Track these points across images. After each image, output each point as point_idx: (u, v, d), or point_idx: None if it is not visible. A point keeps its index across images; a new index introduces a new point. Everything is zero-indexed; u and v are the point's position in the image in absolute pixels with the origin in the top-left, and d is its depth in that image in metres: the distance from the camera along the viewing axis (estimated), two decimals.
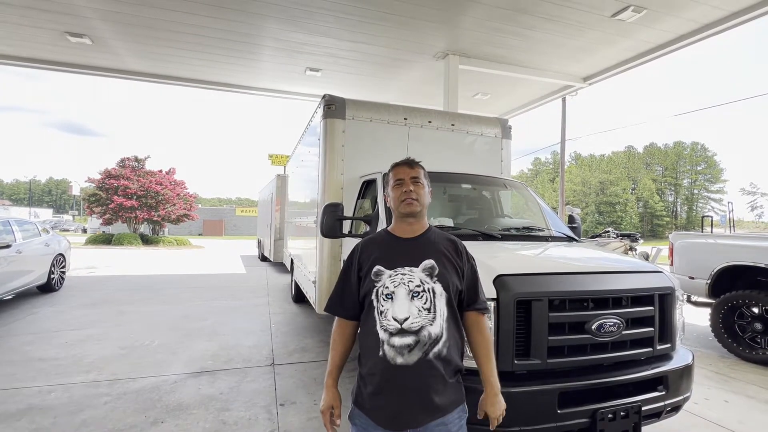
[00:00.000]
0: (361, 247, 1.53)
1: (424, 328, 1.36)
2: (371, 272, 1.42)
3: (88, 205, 22.21)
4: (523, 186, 4.11)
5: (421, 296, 1.38)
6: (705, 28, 6.60)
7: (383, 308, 1.38)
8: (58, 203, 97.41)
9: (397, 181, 1.53)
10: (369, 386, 1.40)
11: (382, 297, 1.39)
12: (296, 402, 3.26)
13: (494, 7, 6.22)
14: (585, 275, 2.32)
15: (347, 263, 1.54)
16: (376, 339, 1.38)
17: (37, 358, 4.04)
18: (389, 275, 1.41)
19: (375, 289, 1.41)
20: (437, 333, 1.38)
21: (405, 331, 1.35)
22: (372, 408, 1.40)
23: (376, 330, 1.38)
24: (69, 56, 8.52)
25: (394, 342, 1.35)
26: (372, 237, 1.58)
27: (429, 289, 1.39)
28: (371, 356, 1.39)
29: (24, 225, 7.04)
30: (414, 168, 1.55)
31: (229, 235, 42.02)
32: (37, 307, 6.30)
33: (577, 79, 9.07)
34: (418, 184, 1.52)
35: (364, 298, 1.46)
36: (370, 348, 1.40)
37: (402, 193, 1.50)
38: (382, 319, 1.38)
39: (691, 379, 2.38)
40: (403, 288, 1.38)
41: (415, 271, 1.41)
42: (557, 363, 2.09)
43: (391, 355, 1.35)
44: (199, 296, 7.61)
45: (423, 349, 1.35)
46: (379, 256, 1.46)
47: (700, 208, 62.90)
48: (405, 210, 1.49)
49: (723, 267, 4.73)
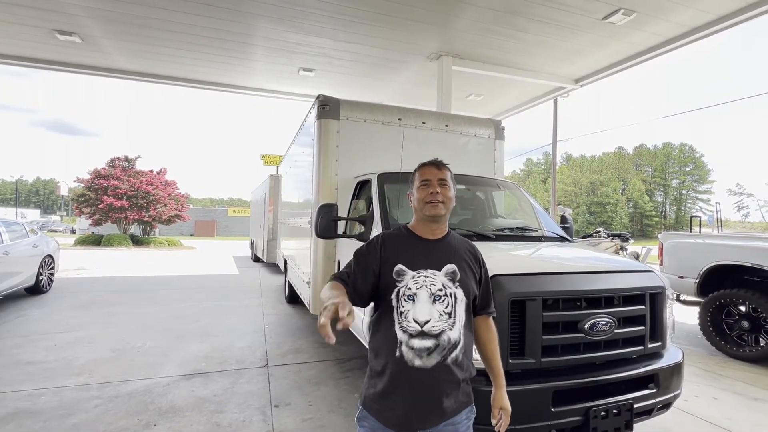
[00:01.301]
0: (382, 240, 1.48)
1: (444, 332, 1.35)
2: (393, 270, 1.39)
3: (77, 206, 21.87)
4: (516, 186, 4.15)
5: (443, 300, 1.37)
6: (693, 32, 6.71)
7: (404, 309, 1.36)
8: (46, 203, 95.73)
9: (424, 182, 1.48)
10: (380, 385, 1.38)
11: (403, 298, 1.36)
12: (291, 403, 3.24)
13: (487, 9, 6.27)
14: (578, 275, 2.35)
15: (365, 250, 1.47)
16: (393, 339, 1.36)
17: (26, 362, 3.97)
18: (412, 276, 1.38)
19: (396, 289, 1.38)
20: (455, 338, 1.37)
21: (425, 333, 1.34)
22: (381, 408, 1.37)
23: (394, 330, 1.36)
24: (58, 54, 8.38)
25: (413, 344, 1.34)
26: (392, 232, 1.54)
27: (451, 294, 1.38)
28: (386, 356, 1.37)
29: (11, 226, 6.91)
30: (441, 169, 1.50)
31: (221, 235, 41.67)
32: (25, 309, 6.19)
33: (569, 81, 9.17)
34: (445, 186, 1.47)
35: (380, 295, 1.41)
36: (386, 348, 1.37)
37: (428, 195, 1.45)
38: (401, 320, 1.35)
39: (681, 376, 2.42)
40: (426, 291, 1.36)
41: (437, 274, 1.39)
42: (551, 362, 2.11)
43: (409, 356, 1.34)
44: (192, 297, 7.54)
45: (442, 354, 1.35)
46: (401, 253, 1.42)
47: (688, 208, 63.93)
48: (430, 212, 1.44)
49: (711, 266, 4.82)
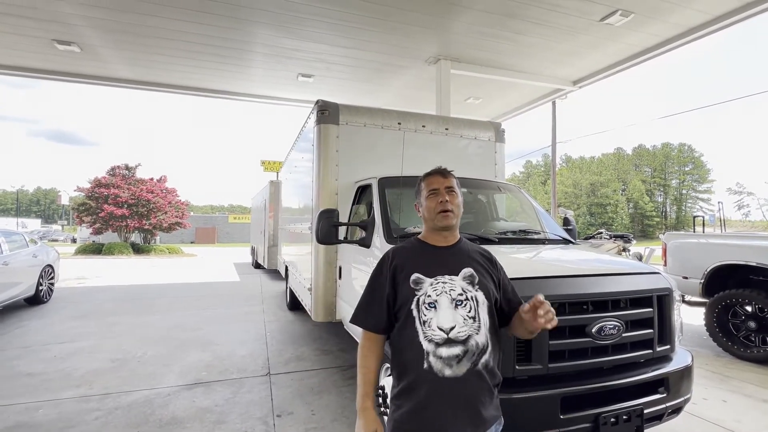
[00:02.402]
0: (392, 254, 1.46)
1: (471, 337, 1.31)
2: (409, 280, 1.35)
3: (77, 215, 21.89)
4: (517, 189, 4.12)
5: (465, 305, 1.33)
6: (690, 32, 6.71)
7: (426, 318, 1.31)
8: (47, 213, 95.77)
9: (432, 192, 1.48)
10: (409, 403, 1.31)
11: (424, 306, 1.33)
12: (293, 412, 3.19)
13: (484, 12, 6.28)
14: (584, 278, 2.31)
15: (377, 271, 1.46)
16: (419, 351, 1.30)
17: (25, 374, 3.93)
18: (430, 283, 1.35)
19: (416, 298, 1.34)
20: (483, 343, 1.33)
21: (452, 340, 1.29)
22: (416, 428, 1.30)
23: (419, 341, 1.31)
24: (57, 64, 8.40)
25: (441, 353, 1.28)
26: (403, 245, 1.52)
27: (472, 297, 1.35)
28: (413, 370, 1.31)
29: (11, 236, 6.88)
30: (448, 177, 1.51)
31: (222, 242, 41.65)
32: (24, 320, 6.14)
33: (567, 83, 9.17)
34: (453, 194, 1.48)
35: (399, 308, 1.37)
36: (412, 361, 1.31)
37: (438, 204, 1.45)
38: (426, 329, 1.31)
39: (691, 380, 2.38)
40: (446, 296, 1.33)
41: (455, 279, 1.36)
42: (558, 367, 2.07)
43: (438, 367, 1.28)
44: (192, 306, 7.49)
45: (472, 360, 1.30)
46: (416, 264, 1.40)
47: (688, 208, 63.88)
48: (442, 223, 1.44)
49: (716, 266, 4.77)
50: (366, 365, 1.42)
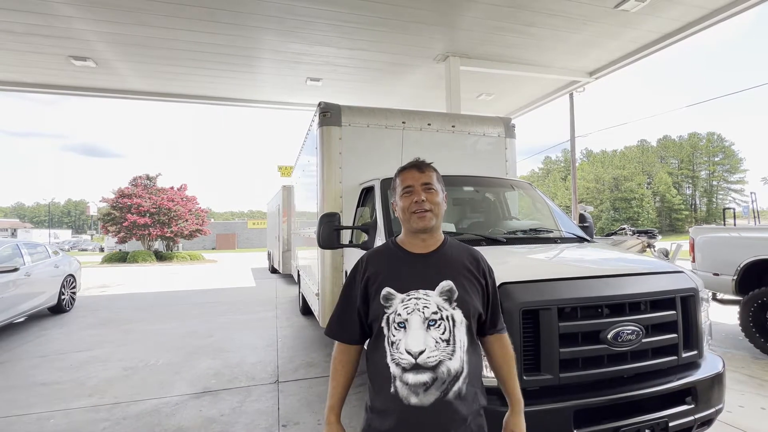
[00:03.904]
0: (366, 261, 1.33)
1: (442, 363, 1.18)
2: (380, 295, 1.23)
3: (103, 225, 22.66)
4: (530, 186, 3.93)
5: (439, 325, 1.20)
6: (715, 13, 6.33)
7: (394, 338, 1.20)
8: (77, 224, 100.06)
9: (406, 189, 1.31)
10: (375, 422, 1.22)
11: (393, 326, 1.20)
12: (299, 422, 3.11)
13: (491, 5, 6.09)
14: (597, 279, 2.13)
15: (350, 280, 1.35)
16: (387, 373, 1.20)
17: (40, 383, 3.99)
18: (401, 300, 1.21)
19: (385, 315, 1.22)
20: (457, 368, 1.19)
21: (420, 366, 1.17)
22: None
23: (387, 363, 1.20)
24: (75, 80, 8.68)
25: (408, 379, 1.17)
26: (378, 249, 1.38)
27: (448, 317, 1.21)
28: (382, 392, 1.21)
29: (34, 248, 7.10)
30: (425, 172, 1.32)
31: (242, 248, 42.40)
32: (46, 329, 6.31)
33: (583, 74, 8.84)
34: (431, 191, 1.30)
35: (372, 322, 1.27)
36: (381, 383, 1.22)
37: (412, 204, 1.28)
38: (393, 352, 1.19)
39: (722, 388, 2.16)
40: (418, 315, 1.19)
41: (431, 294, 1.22)
42: (571, 377, 1.90)
43: (404, 393, 1.17)
44: (207, 312, 7.55)
45: (441, 389, 1.17)
46: (389, 275, 1.26)
47: (720, 199, 61.12)
48: (418, 225, 1.27)
49: (750, 261, 4.45)
50: (336, 379, 1.33)
